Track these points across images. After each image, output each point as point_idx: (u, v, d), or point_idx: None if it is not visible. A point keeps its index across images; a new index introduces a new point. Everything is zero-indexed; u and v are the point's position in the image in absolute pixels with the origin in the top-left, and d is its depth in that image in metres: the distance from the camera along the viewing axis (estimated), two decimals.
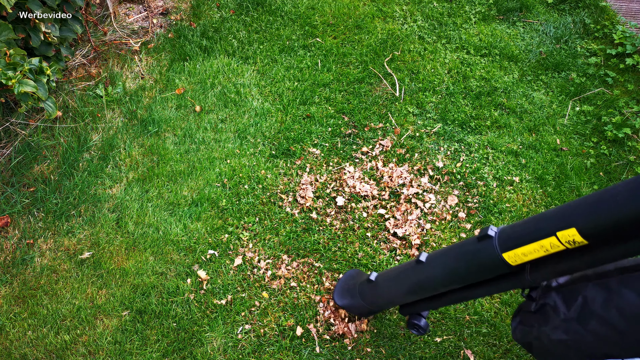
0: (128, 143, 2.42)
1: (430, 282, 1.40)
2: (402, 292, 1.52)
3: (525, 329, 1.19)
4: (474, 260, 1.21)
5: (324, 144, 2.48)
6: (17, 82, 1.83)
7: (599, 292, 1.02)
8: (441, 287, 1.38)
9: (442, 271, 1.34)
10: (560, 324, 1.09)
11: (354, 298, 1.79)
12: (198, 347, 1.83)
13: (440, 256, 1.37)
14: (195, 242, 2.10)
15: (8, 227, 2.10)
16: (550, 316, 1.11)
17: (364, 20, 3.11)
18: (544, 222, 1.02)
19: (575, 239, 0.96)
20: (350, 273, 1.93)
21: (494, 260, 1.14)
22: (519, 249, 1.07)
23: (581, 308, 1.04)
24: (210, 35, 2.95)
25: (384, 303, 1.68)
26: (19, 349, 1.81)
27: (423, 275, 1.41)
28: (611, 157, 2.48)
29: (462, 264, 1.26)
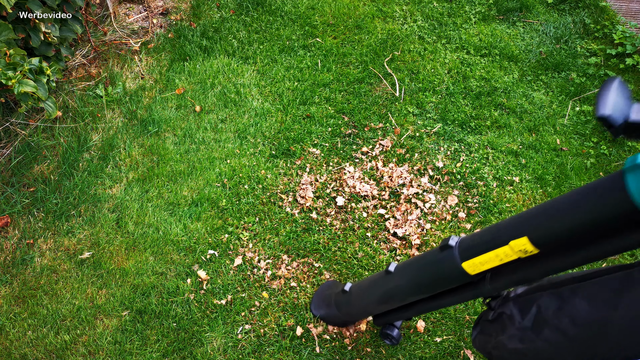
0: (128, 143, 2.42)
1: (398, 292, 1.42)
2: (373, 302, 1.55)
3: (484, 338, 1.21)
4: (436, 270, 1.23)
5: (324, 144, 2.48)
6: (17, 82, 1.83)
7: (552, 301, 1.03)
8: (409, 296, 1.41)
9: (409, 281, 1.36)
10: (516, 332, 1.10)
11: (329, 308, 1.82)
12: (198, 347, 1.83)
13: (407, 266, 1.39)
14: (195, 242, 2.10)
15: (8, 227, 2.10)
16: (506, 325, 1.13)
17: (364, 20, 3.11)
18: (499, 231, 1.04)
19: (527, 248, 0.98)
20: (327, 283, 1.96)
21: (455, 269, 1.16)
22: (477, 259, 1.09)
23: (535, 317, 1.06)
24: (210, 35, 2.95)
25: (358, 313, 1.70)
26: (19, 349, 1.81)
27: (391, 285, 1.44)
28: (611, 157, 2.48)
29: (426, 273, 1.29)
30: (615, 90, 0.78)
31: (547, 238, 0.95)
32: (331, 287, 1.91)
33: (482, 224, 2.21)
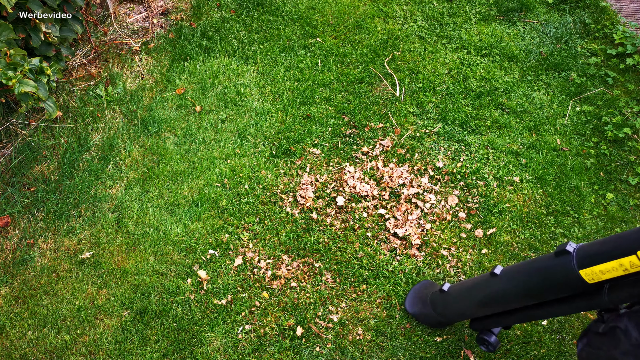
0: (128, 143, 2.42)
1: (502, 296, 1.37)
2: (474, 304, 1.50)
3: (593, 352, 1.18)
4: (549, 276, 1.19)
5: (324, 144, 2.48)
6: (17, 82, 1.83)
7: None
8: (514, 302, 1.36)
9: (516, 285, 1.31)
10: (631, 349, 1.07)
11: (425, 307, 1.78)
12: (198, 347, 1.83)
13: (515, 270, 1.34)
14: (196, 242, 2.10)
15: (8, 227, 2.10)
16: (620, 340, 1.09)
17: (364, 20, 3.11)
18: (625, 240, 1.01)
19: None
20: (424, 282, 1.94)
21: (570, 276, 1.12)
22: (597, 267, 1.05)
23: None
24: (210, 35, 2.95)
25: (455, 314, 1.66)
26: (19, 349, 1.81)
27: (496, 288, 1.39)
28: (611, 157, 2.48)
29: (537, 279, 1.24)
30: None
31: None
32: (428, 286, 1.88)
33: (482, 224, 2.21)
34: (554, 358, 1.85)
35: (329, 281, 2.02)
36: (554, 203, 2.29)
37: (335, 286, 2.00)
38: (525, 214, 2.24)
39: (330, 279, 2.02)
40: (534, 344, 1.87)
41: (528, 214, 2.25)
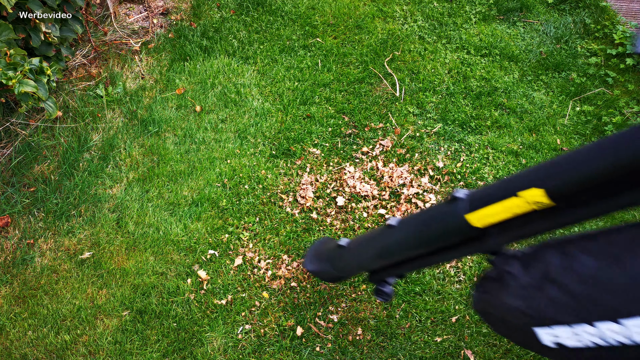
0: (128, 143, 2.42)
1: (399, 246, 1.39)
2: (371, 257, 1.52)
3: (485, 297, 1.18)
4: (440, 223, 1.20)
5: (324, 144, 2.48)
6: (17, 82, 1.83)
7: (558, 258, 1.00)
8: (409, 251, 1.38)
9: (411, 235, 1.33)
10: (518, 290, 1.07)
11: (323, 263, 1.79)
12: (198, 347, 1.83)
13: (409, 220, 1.36)
14: (196, 242, 2.10)
15: (8, 227, 2.10)
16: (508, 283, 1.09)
17: (364, 20, 3.11)
18: (511, 183, 1.00)
19: (541, 200, 0.94)
20: (322, 239, 1.93)
21: (459, 221, 1.12)
22: (484, 210, 1.05)
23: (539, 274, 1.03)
24: (210, 35, 2.95)
25: (353, 268, 1.67)
26: (19, 349, 1.81)
27: (392, 239, 1.41)
28: None
29: (429, 227, 1.25)
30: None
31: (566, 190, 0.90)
32: (326, 243, 1.88)
33: None
34: None
35: None
36: None
37: (335, 286, 2.00)
38: None
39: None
40: None
41: None
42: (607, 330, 0.93)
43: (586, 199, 0.94)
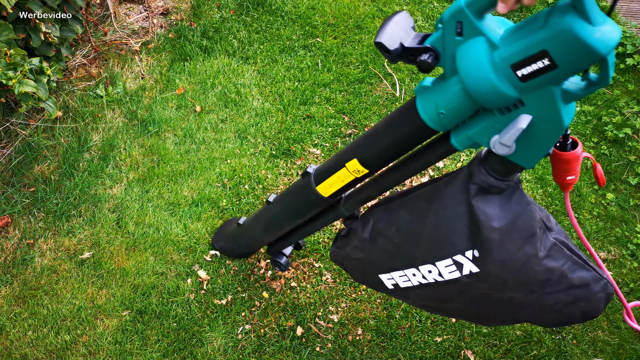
0: (128, 143, 2.42)
1: (276, 220, 1.57)
2: (260, 231, 1.69)
3: (337, 251, 1.37)
4: (301, 195, 1.37)
5: (324, 144, 2.48)
6: (17, 82, 1.83)
7: (384, 214, 1.18)
8: (286, 223, 1.54)
9: (282, 209, 1.51)
10: (358, 244, 1.26)
11: (228, 241, 1.95)
12: (198, 347, 1.83)
13: (280, 195, 1.53)
14: (196, 242, 2.10)
15: (8, 227, 2.10)
16: (352, 238, 1.28)
17: (365, 21, 3.11)
18: (339, 156, 1.17)
19: (358, 168, 1.13)
20: (228, 221, 2.10)
21: (313, 193, 1.29)
22: (326, 181, 1.23)
23: (371, 229, 1.21)
24: (210, 36, 2.95)
25: (250, 243, 1.84)
26: (19, 349, 1.81)
27: (270, 213, 1.58)
28: (611, 157, 2.48)
29: (294, 199, 1.43)
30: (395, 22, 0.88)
31: (371, 158, 1.09)
32: (232, 222, 2.02)
33: None
34: (554, 358, 1.85)
35: (329, 281, 2.02)
36: (554, 203, 2.29)
37: (335, 286, 2.00)
38: None
39: (330, 279, 2.02)
40: (534, 344, 1.87)
41: None
42: (426, 271, 1.13)
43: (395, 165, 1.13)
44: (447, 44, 0.82)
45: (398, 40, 0.87)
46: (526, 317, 1.15)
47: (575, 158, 0.89)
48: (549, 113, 0.78)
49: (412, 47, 0.86)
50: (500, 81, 0.76)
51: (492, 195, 0.96)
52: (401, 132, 1.01)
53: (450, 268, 1.08)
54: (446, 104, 0.88)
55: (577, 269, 1.01)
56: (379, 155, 1.08)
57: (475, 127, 0.89)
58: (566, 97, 0.77)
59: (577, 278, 1.02)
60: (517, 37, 0.75)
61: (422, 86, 0.93)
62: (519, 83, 0.76)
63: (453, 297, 1.16)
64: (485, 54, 0.77)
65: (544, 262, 0.99)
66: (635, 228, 2.22)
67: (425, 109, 0.92)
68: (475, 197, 0.96)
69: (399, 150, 1.05)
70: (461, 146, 0.94)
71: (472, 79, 0.79)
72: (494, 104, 0.81)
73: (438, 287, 1.15)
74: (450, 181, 1.02)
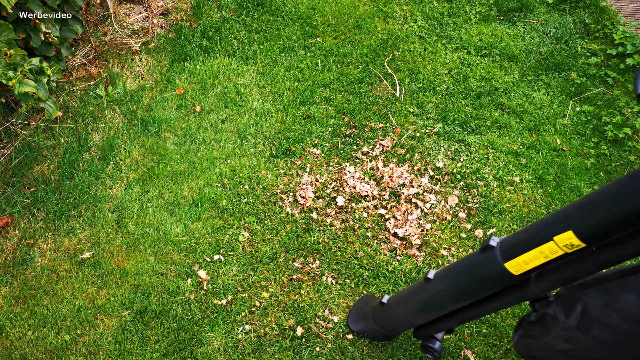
0: (128, 143, 2.42)
1: (438, 300, 1.38)
2: (413, 312, 1.50)
3: (527, 341, 1.17)
4: (478, 273, 1.19)
5: (324, 144, 2.48)
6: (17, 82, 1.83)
7: (598, 297, 0.99)
8: (449, 303, 1.36)
9: (449, 287, 1.32)
10: (561, 333, 1.06)
11: (367, 322, 1.78)
12: (198, 347, 1.83)
13: (446, 271, 1.34)
14: (196, 243, 2.10)
15: (8, 227, 2.10)
16: (550, 326, 1.09)
17: (364, 21, 3.11)
18: (542, 228, 1.01)
19: (573, 242, 0.95)
20: (364, 297, 1.92)
21: (497, 270, 1.12)
22: (520, 257, 1.06)
23: (581, 315, 1.02)
24: (210, 36, 2.95)
25: (397, 325, 1.66)
26: (20, 349, 1.81)
27: (431, 292, 1.39)
28: (611, 157, 2.48)
29: (467, 277, 1.24)
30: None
31: (594, 230, 0.91)
32: (368, 301, 1.87)
33: (482, 224, 2.21)
34: None
35: (329, 281, 2.02)
36: (554, 203, 2.29)
37: (335, 286, 2.00)
38: (525, 214, 2.24)
39: (330, 279, 2.02)
40: None
41: (528, 214, 2.25)
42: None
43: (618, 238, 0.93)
44: None
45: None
46: None
47: None
48: None
49: None
50: None
51: None
52: None
53: None
54: None
55: None
56: (606, 227, 0.89)
57: None
58: None
59: None
60: None
61: None
62: None
63: None
64: None
65: None
66: None
67: None
68: None
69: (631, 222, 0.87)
70: None
71: None
72: None
73: None
74: None
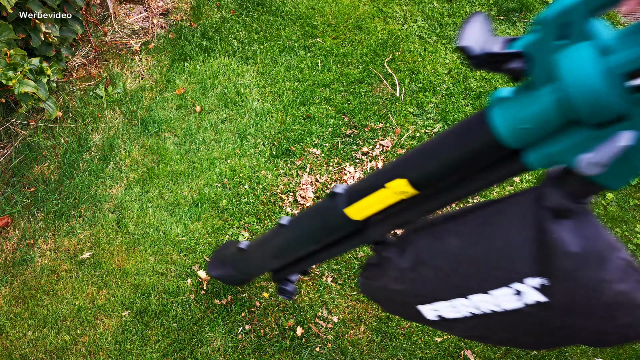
0: (128, 143, 2.42)
1: (291, 244, 1.44)
2: (268, 256, 1.56)
3: (367, 282, 1.25)
4: (324, 218, 1.25)
5: (324, 144, 2.48)
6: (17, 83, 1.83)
7: (427, 241, 1.07)
8: (302, 248, 1.42)
9: (301, 232, 1.38)
10: (396, 274, 1.14)
11: (226, 268, 1.82)
12: (198, 347, 1.83)
13: (299, 218, 1.41)
14: (196, 243, 2.10)
15: (8, 227, 2.10)
16: (387, 268, 1.16)
17: (364, 21, 3.11)
18: (379, 175, 1.06)
19: (407, 190, 1.00)
20: (223, 244, 1.96)
21: (340, 216, 1.17)
22: (360, 203, 1.11)
23: (412, 257, 1.10)
24: (210, 36, 2.95)
25: (255, 270, 1.72)
26: (19, 349, 1.81)
27: (285, 237, 1.45)
28: None
29: (315, 222, 1.30)
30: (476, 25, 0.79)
31: (424, 177, 0.97)
32: (228, 247, 1.91)
33: None
34: (554, 358, 1.85)
35: (329, 281, 2.02)
36: None
37: (335, 286, 2.00)
38: None
39: (330, 279, 2.02)
40: None
41: None
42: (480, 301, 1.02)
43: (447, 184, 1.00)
44: (545, 48, 0.72)
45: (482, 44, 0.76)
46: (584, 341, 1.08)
47: None
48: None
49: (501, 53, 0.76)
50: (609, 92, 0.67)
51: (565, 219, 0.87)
52: (466, 148, 0.89)
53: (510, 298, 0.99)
54: (533, 117, 0.77)
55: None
56: (435, 176, 0.96)
57: (562, 144, 0.78)
58: None
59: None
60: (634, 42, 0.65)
61: (499, 97, 0.82)
62: (629, 94, 0.67)
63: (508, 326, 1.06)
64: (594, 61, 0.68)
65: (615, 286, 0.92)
66: (635, 228, 2.22)
67: (504, 122, 0.81)
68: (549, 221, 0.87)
69: (460, 169, 0.94)
70: (538, 164, 0.84)
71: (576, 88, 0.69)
72: (597, 117, 0.71)
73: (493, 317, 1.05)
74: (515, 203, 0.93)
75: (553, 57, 0.72)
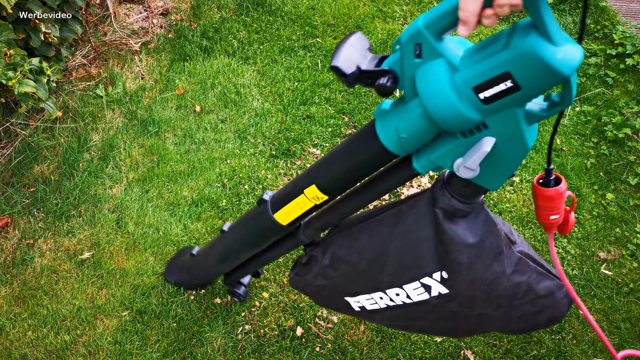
0: (128, 143, 2.42)
1: (231, 250, 1.52)
2: (215, 262, 1.63)
3: (297, 279, 1.36)
4: (257, 224, 1.33)
5: (324, 144, 2.48)
6: (17, 83, 1.83)
7: (344, 240, 1.18)
8: (241, 253, 1.49)
9: (238, 238, 1.46)
10: (319, 271, 1.25)
11: (181, 273, 1.90)
12: (198, 347, 1.83)
13: (235, 224, 1.48)
14: (196, 243, 2.10)
15: (8, 227, 2.10)
16: (312, 266, 1.27)
17: (364, 21, 3.11)
18: (297, 183, 1.14)
19: (317, 195, 1.09)
20: (181, 250, 2.02)
21: (269, 221, 1.25)
22: (284, 209, 1.20)
23: (332, 255, 1.20)
24: (210, 36, 2.95)
25: (206, 275, 1.79)
26: (19, 349, 1.81)
27: (225, 243, 1.53)
28: (611, 157, 2.48)
29: (250, 229, 1.38)
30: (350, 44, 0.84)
31: (329, 184, 1.06)
32: (184, 252, 1.97)
33: None
34: (554, 358, 1.85)
35: None
36: None
37: None
38: (525, 214, 2.24)
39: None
40: (534, 344, 1.87)
41: (528, 214, 2.25)
42: (394, 294, 1.13)
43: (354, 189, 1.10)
44: (406, 66, 0.79)
45: (355, 63, 0.82)
46: (494, 328, 1.17)
47: (559, 195, 0.85)
48: (512, 135, 0.76)
49: (370, 70, 0.82)
50: (462, 104, 0.74)
51: (458, 218, 0.95)
52: (360, 157, 0.97)
53: (418, 290, 1.08)
54: (407, 127, 0.84)
55: (542, 280, 1.03)
56: (338, 181, 1.05)
57: (438, 151, 0.86)
58: (529, 118, 0.75)
59: (543, 288, 1.03)
60: (478, 59, 0.71)
61: (380, 110, 0.89)
62: (481, 105, 0.74)
63: (422, 316, 1.16)
64: (446, 77, 0.74)
65: (511, 278, 1.01)
66: (635, 228, 2.22)
67: (385, 133, 0.89)
68: (442, 220, 0.95)
69: (358, 176, 1.02)
70: (424, 170, 0.92)
71: (433, 102, 0.76)
72: (457, 127, 0.78)
73: (406, 309, 1.15)
74: (413, 205, 1.02)
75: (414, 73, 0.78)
